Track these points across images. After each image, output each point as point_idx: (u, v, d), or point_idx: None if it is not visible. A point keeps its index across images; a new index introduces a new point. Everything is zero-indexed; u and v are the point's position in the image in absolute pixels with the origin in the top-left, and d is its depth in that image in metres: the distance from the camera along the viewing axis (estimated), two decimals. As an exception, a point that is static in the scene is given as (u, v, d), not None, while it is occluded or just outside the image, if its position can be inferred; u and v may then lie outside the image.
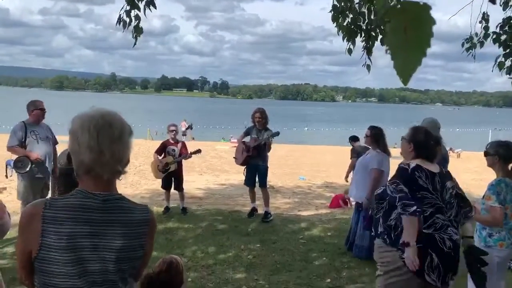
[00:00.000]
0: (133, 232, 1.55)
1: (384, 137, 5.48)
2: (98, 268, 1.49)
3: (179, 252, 5.39)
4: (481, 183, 11.44)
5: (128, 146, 1.54)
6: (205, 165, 14.84)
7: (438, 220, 2.89)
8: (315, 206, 8.90)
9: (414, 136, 3.07)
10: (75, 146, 1.49)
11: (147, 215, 1.61)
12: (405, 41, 0.50)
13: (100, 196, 1.52)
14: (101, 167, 1.49)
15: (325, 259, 5.40)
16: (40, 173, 5.52)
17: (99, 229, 1.50)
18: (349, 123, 46.38)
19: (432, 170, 2.95)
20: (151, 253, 1.70)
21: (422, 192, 2.86)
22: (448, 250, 2.87)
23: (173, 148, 7.41)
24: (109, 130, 1.48)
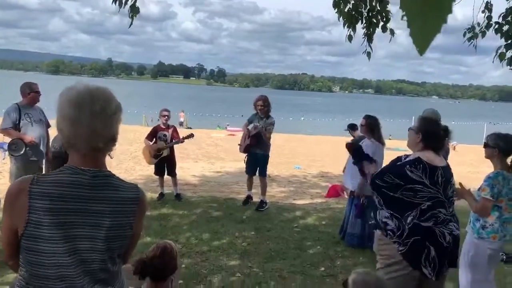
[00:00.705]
0: (122, 210, 1.52)
1: (379, 127, 5.48)
2: (87, 246, 1.46)
3: (173, 238, 5.37)
4: (476, 175, 11.48)
5: (111, 122, 1.48)
6: (200, 153, 14.80)
7: (440, 214, 2.86)
8: (310, 195, 8.90)
9: (424, 126, 3.00)
10: (59, 118, 1.47)
11: (137, 193, 1.58)
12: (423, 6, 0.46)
13: (89, 172, 1.48)
14: (80, 141, 1.45)
15: (319, 247, 5.40)
16: (34, 156, 5.46)
17: (88, 206, 1.46)
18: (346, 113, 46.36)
19: (434, 164, 2.89)
20: (140, 234, 1.67)
21: (415, 185, 2.82)
22: (447, 244, 2.85)
23: (164, 134, 7.31)
24: (91, 103, 1.44)
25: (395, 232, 2.88)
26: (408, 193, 2.84)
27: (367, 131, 5.47)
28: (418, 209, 2.83)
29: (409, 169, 2.85)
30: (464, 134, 27.06)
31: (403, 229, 2.85)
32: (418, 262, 2.83)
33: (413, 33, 0.48)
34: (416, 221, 2.83)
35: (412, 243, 2.83)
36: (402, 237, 2.85)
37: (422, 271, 2.82)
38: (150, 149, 7.34)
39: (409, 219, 2.84)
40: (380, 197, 2.98)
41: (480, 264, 3.47)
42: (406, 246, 2.84)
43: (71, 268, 1.45)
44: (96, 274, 1.49)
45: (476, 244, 3.48)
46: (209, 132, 23.14)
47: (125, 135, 18.15)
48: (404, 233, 2.84)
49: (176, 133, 7.41)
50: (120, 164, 11.63)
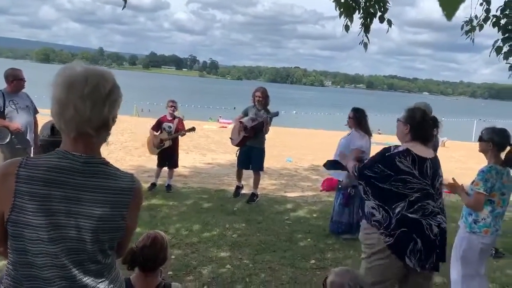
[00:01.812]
0: (115, 200, 1.44)
1: (366, 119, 5.61)
2: (74, 235, 1.38)
3: (163, 229, 5.31)
4: (465, 171, 11.58)
5: (103, 107, 1.39)
6: (192, 144, 14.70)
7: (428, 206, 2.84)
8: (301, 188, 8.88)
9: (411, 117, 2.96)
10: (51, 99, 1.39)
11: (132, 183, 1.49)
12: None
13: (80, 158, 1.40)
14: (65, 124, 1.38)
15: (310, 240, 5.38)
16: (20, 144, 5.35)
17: (77, 193, 1.38)
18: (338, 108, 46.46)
19: (423, 155, 2.86)
20: (135, 227, 1.58)
21: (404, 176, 2.79)
22: (434, 237, 2.83)
23: (169, 125, 7.29)
24: (82, 85, 1.35)
25: (381, 223, 2.86)
26: (397, 183, 2.80)
27: (354, 123, 5.58)
28: (407, 201, 2.80)
29: (398, 160, 2.81)
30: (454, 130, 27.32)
31: (390, 221, 2.82)
32: (403, 254, 2.80)
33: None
34: (404, 213, 2.80)
35: (398, 235, 2.80)
36: (389, 229, 2.82)
37: (406, 262, 2.80)
38: (153, 140, 7.31)
39: (397, 210, 2.81)
40: (368, 187, 2.94)
41: (472, 258, 3.47)
42: (393, 238, 2.81)
43: (58, 257, 1.38)
44: (85, 265, 1.43)
45: (468, 238, 3.48)
46: (201, 124, 23.02)
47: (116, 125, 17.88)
48: (391, 224, 2.81)
49: (182, 125, 7.39)
50: (110, 154, 11.50)
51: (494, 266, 4.75)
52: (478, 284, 3.52)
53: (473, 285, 3.51)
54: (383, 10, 4.82)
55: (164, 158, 7.39)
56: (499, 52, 4.65)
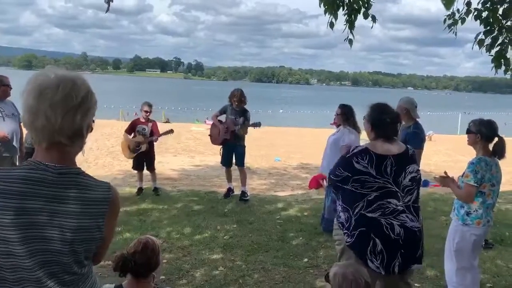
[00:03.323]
0: (91, 211, 1.39)
1: (354, 115, 5.61)
2: (49, 248, 1.33)
3: (154, 234, 5.26)
4: (453, 164, 11.71)
5: (76, 115, 1.33)
6: (179, 147, 14.63)
7: (389, 205, 2.75)
8: (291, 187, 8.89)
9: (371, 115, 2.91)
10: (22, 107, 1.34)
11: (107, 193, 1.44)
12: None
13: (54, 168, 1.34)
14: (36, 133, 1.33)
15: (302, 239, 5.38)
16: (7, 151, 5.25)
17: (51, 205, 1.33)
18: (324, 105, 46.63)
19: (383, 153, 2.77)
20: (112, 236, 1.54)
21: (361, 176, 2.75)
22: (396, 236, 2.73)
23: (143, 127, 7.15)
24: (53, 93, 1.30)
25: (344, 224, 2.86)
26: (356, 184, 2.76)
27: (342, 120, 5.58)
28: (365, 200, 2.75)
29: (355, 160, 2.77)
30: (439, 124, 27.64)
31: (351, 221, 2.80)
32: (363, 254, 2.74)
33: (437, -14, 0.41)
34: (362, 212, 2.75)
35: (357, 235, 2.76)
36: (350, 229, 2.81)
37: (368, 264, 2.71)
38: (129, 143, 7.17)
39: (356, 210, 2.78)
40: (335, 191, 2.95)
41: (465, 250, 3.49)
42: (353, 238, 2.79)
43: (32, 271, 1.33)
44: (60, 277, 1.37)
45: (461, 230, 3.50)
46: (188, 126, 22.92)
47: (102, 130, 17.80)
48: (351, 224, 2.79)
49: (156, 128, 7.27)
50: (97, 160, 11.39)
51: (484, 257, 4.80)
52: (471, 276, 3.54)
53: (467, 277, 3.53)
54: (367, 6, 4.84)
55: (140, 161, 7.26)
56: (481, 45, 4.70)
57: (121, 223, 5.67)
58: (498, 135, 3.47)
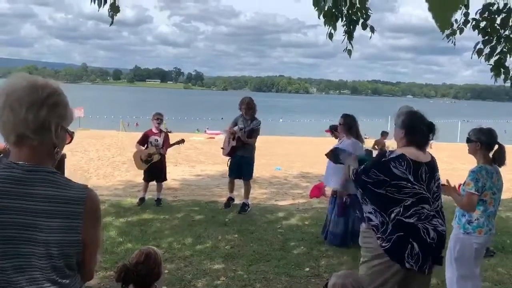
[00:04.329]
0: (63, 210, 1.36)
1: (357, 125, 5.56)
2: (25, 250, 1.32)
3: (155, 244, 5.26)
4: (452, 172, 11.71)
5: (41, 108, 1.35)
6: (180, 156, 14.64)
7: (424, 210, 2.84)
8: (292, 196, 8.89)
9: (406, 122, 2.96)
10: None
11: (82, 193, 1.40)
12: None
13: (23, 166, 1.35)
14: (4, 127, 1.35)
15: (303, 248, 5.37)
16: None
17: (19, 203, 1.32)
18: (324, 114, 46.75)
19: (417, 160, 2.86)
20: (97, 244, 1.48)
21: (398, 182, 2.80)
22: (431, 240, 2.84)
23: (155, 139, 7.21)
24: (20, 90, 1.35)
25: (378, 228, 2.87)
26: (392, 189, 2.81)
27: (345, 130, 5.52)
28: (402, 206, 2.81)
29: (393, 165, 2.82)
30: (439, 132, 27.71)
31: (387, 225, 2.83)
32: (401, 258, 2.81)
33: (433, 7, 0.44)
34: (399, 217, 2.81)
35: (395, 239, 2.81)
36: (386, 233, 2.83)
37: (405, 266, 2.80)
38: (141, 154, 7.21)
39: (392, 215, 2.82)
40: (364, 193, 2.95)
41: (467, 259, 3.49)
42: (389, 242, 2.82)
43: (9, 273, 1.31)
44: (40, 284, 1.34)
45: (462, 239, 3.50)
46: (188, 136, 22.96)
47: (103, 141, 17.85)
48: (388, 229, 2.83)
49: (168, 139, 7.32)
50: (98, 170, 11.41)
51: (485, 265, 4.79)
52: (472, 284, 3.54)
53: (468, 285, 3.53)
54: (365, 17, 4.90)
55: (152, 173, 7.28)
56: (480, 54, 4.74)
57: (122, 233, 5.67)
58: (498, 142, 3.49)
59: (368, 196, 2.93)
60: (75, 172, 10.06)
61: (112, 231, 5.69)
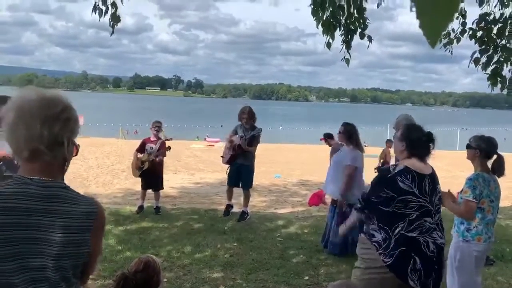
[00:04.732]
0: (76, 225, 1.39)
1: (357, 134, 5.54)
2: (37, 264, 1.34)
3: (154, 252, 5.25)
4: (452, 180, 11.70)
5: (54, 123, 1.36)
6: (179, 164, 14.65)
7: (425, 224, 2.83)
8: (291, 204, 8.88)
9: (407, 134, 2.96)
10: (3, 124, 1.38)
11: (92, 207, 1.44)
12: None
13: (38, 182, 1.36)
14: (17, 142, 1.36)
15: (303, 256, 5.36)
16: (9, 170, 5.28)
17: (37, 219, 1.34)
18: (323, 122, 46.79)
19: (422, 172, 2.86)
20: (100, 253, 1.54)
21: (405, 197, 2.79)
22: (431, 253, 2.82)
23: (151, 146, 7.22)
24: (32, 104, 1.36)
25: (381, 244, 2.85)
26: (399, 205, 2.80)
27: (344, 138, 5.51)
28: (406, 220, 2.80)
29: (400, 180, 2.81)
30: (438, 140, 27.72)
31: (389, 241, 2.82)
32: (404, 274, 2.78)
33: (424, 25, 0.45)
34: (403, 232, 2.80)
35: (398, 255, 2.79)
36: (388, 249, 2.82)
37: (409, 282, 2.77)
38: (135, 162, 7.24)
39: (396, 231, 2.80)
40: (373, 214, 2.91)
41: (468, 267, 3.48)
42: (392, 258, 2.80)
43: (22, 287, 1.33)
44: None
45: (462, 247, 3.50)
46: (188, 144, 22.97)
47: (102, 149, 17.85)
48: (390, 244, 2.81)
49: (163, 147, 7.30)
50: (97, 178, 11.40)
51: (485, 274, 4.78)
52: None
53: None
54: (363, 27, 4.94)
55: (147, 181, 7.27)
56: (477, 63, 4.78)
57: (121, 242, 5.66)
58: (497, 152, 3.50)
59: (376, 215, 2.90)
60: (74, 179, 10.05)
61: (111, 240, 5.68)
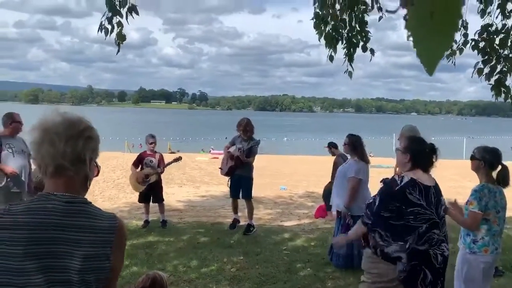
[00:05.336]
0: (98, 239, 1.44)
1: (362, 145, 5.51)
2: (61, 278, 1.38)
3: (161, 267, 5.24)
4: (460, 190, 11.62)
5: (76, 142, 1.45)
6: (185, 177, 14.67)
7: (434, 236, 2.83)
8: (297, 216, 8.84)
9: (410, 146, 2.98)
10: (30, 143, 1.48)
11: (114, 222, 1.50)
12: (431, 26, 0.45)
13: (62, 197, 1.43)
14: (42, 158, 1.44)
15: (310, 269, 5.33)
16: (16, 187, 5.32)
17: (60, 234, 1.39)
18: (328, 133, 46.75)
19: (426, 184, 2.87)
20: (120, 268, 1.58)
21: (414, 208, 2.78)
22: (439, 265, 2.82)
23: (150, 159, 7.25)
24: (57, 124, 1.44)
25: (392, 259, 2.84)
26: (408, 217, 2.79)
27: (349, 150, 5.50)
28: (416, 233, 2.80)
29: (408, 192, 2.80)
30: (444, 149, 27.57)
31: (401, 255, 2.81)
32: (414, 286, 2.78)
33: (421, 54, 0.47)
34: (414, 246, 2.79)
35: (410, 268, 2.79)
36: (400, 263, 2.81)
37: None
38: (137, 176, 7.23)
39: (407, 245, 2.80)
40: (385, 230, 2.86)
41: (475, 279, 3.45)
42: (405, 272, 2.80)
43: None
44: None
45: (469, 259, 3.47)
46: (193, 156, 23.03)
47: (108, 162, 17.92)
48: (402, 258, 2.81)
49: (162, 160, 7.36)
50: (103, 192, 11.43)
51: (494, 285, 4.73)
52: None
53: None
54: (365, 40, 4.98)
55: (147, 194, 7.29)
56: (480, 74, 4.79)
57: (128, 256, 5.65)
58: (501, 163, 3.49)
59: (385, 229, 2.87)
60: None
61: (117, 254, 5.68)
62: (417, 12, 0.46)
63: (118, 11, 4.49)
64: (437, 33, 0.45)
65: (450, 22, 0.45)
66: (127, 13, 4.50)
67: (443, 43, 0.46)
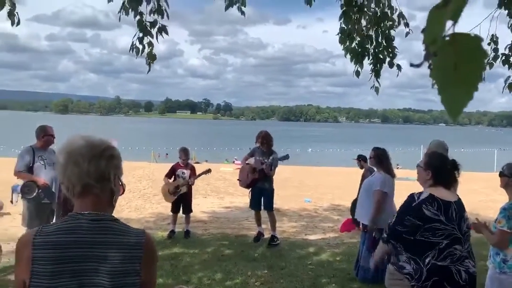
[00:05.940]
0: (126, 255, 1.48)
1: (388, 158, 5.46)
2: None
3: (185, 279, 5.29)
4: (488, 204, 11.29)
5: (100, 162, 1.52)
6: (209, 188, 14.74)
7: (456, 252, 2.79)
8: (322, 229, 8.76)
9: (431, 163, 2.97)
10: (57, 166, 1.55)
11: (141, 238, 1.54)
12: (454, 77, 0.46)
13: (88, 215, 1.49)
14: (68, 179, 1.50)
15: (335, 285, 5.27)
16: (47, 198, 5.49)
17: (88, 251, 1.45)
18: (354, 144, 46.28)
19: (447, 199, 2.84)
20: (154, 282, 1.60)
21: (432, 224, 2.77)
22: (463, 283, 2.77)
23: (182, 171, 7.50)
24: (80, 147, 1.51)
25: (413, 276, 2.81)
26: (427, 233, 2.78)
27: (375, 163, 5.46)
28: (437, 249, 2.77)
29: (425, 208, 2.79)
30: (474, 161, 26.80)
31: (421, 272, 2.78)
32: None
33: (445, 102, 0.48)
34: (434, 262, 2.76)
35: (431, 285, 2.75)
36: (421, 280, 2.78)
37: None
38: (169, 187, 7.48)
39: (427, 260, 2.77)
40: (400, 243, 2.89)
41: None
42: None
43: None
44: None
45: (499, 279, 3.38)
46: (217, 167, 23.14)
47: (134, 172, 18.20)
48: (423, 275, 2.77)
49: (194, 172, 7.57)
50: (129, 203, 11.61)
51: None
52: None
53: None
54: (391, 56, 4.94)
55: (179, 205, 7.51)
56: (511, 89, 4.69)
57: (153, 268, 5.71)
58: None
59: (404, 246, 2.88)
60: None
61: (143, 265, 5.75)
62: (440, 62, 0.47)
63: (149, 31, 4.61)
64: (461, 83, 0.46)
65: (474, 73, 0.46)
66: (157, 33, 4.61)
67: (467, 93, 0.47)
